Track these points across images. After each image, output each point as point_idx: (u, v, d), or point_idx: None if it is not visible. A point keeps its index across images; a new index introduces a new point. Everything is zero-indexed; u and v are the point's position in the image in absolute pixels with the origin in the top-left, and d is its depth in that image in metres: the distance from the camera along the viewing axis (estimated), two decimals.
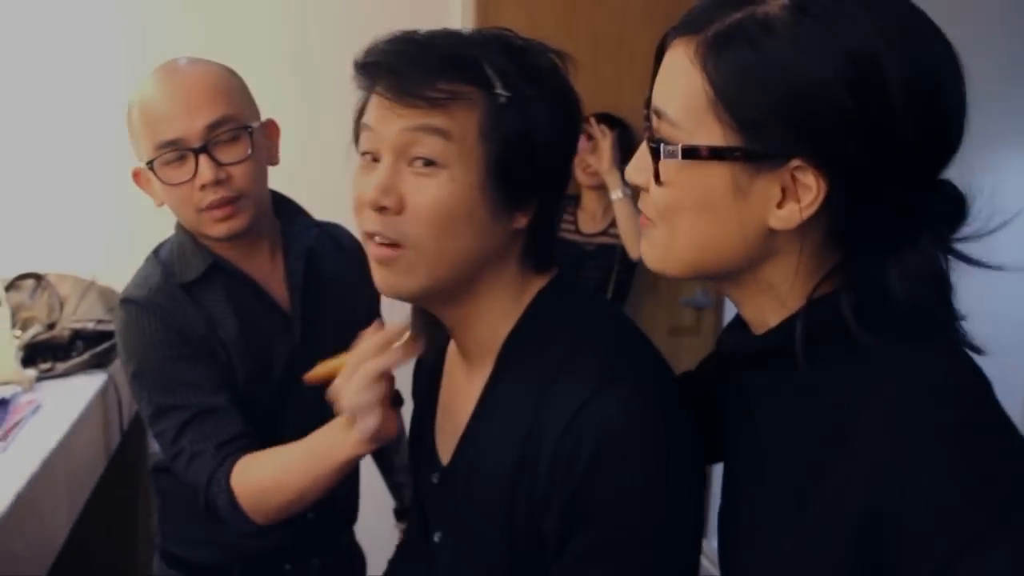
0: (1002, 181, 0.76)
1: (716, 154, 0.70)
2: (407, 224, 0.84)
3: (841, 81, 0.65)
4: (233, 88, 1.28)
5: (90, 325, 2.11)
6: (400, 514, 2.39)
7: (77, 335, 2.07)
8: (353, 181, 0.89)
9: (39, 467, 1.47)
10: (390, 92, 0.83)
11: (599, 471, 0.79)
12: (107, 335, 2.08)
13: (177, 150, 1.22)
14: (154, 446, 1.37)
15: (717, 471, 0.90)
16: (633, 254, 2.51)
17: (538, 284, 0.92)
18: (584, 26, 2.68)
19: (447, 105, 0.82)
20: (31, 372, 1.95)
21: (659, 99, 0.73)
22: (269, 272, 1.37)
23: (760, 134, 0.68)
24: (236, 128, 1.24)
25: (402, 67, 0.83)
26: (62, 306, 2.17)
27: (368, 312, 1.42)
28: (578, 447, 0.79)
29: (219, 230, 1.26)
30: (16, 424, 1.68)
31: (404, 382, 1.05)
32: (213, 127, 1.22)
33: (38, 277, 2.21)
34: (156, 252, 1.37)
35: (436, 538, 0.93)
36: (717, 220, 0.72)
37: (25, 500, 1.35)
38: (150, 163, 1.24)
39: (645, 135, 0.76)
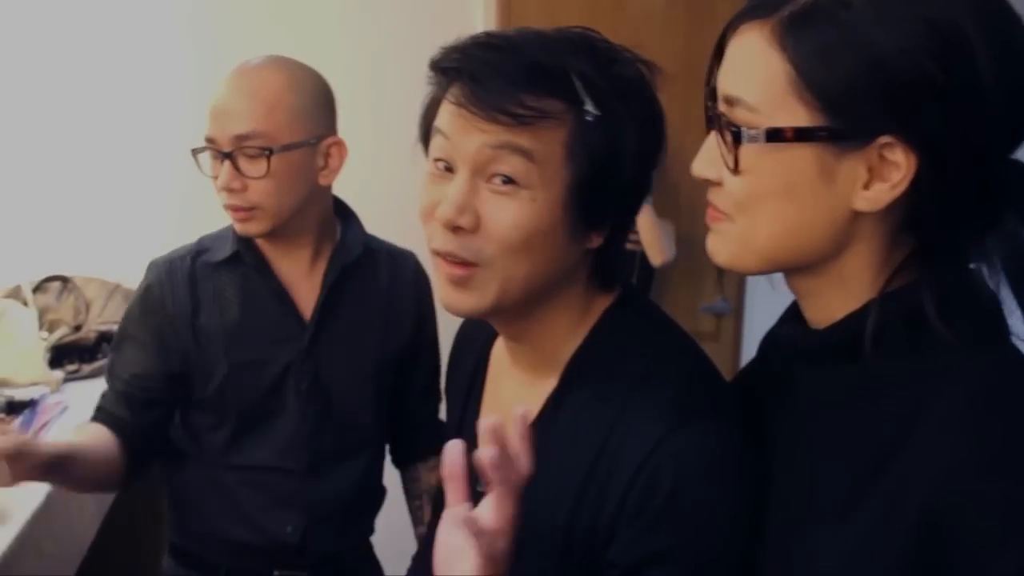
0: None
1: (802, 135, 0.67)
2: (483, 242, 0.81)
3: (926, 50, 0.64)
4: (280, 104, 1.28)
5: (116, 327, 2.12)
6: None
7: (103, 337, 2.09)
8: (423, 187, 0.86)
9: None
10: (472, 104, 0.78)
11: (677, 509, 0.78)
12: None
13: (211, 147, 1.29)
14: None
15: None
16: (655, 260, 2.50)
17: (605, 301, 0.90)
18: (605, 30, 2.68)
19: (533, 123, 0.78)
20: (58, 373, 1.98)
21: (731, 86, 0.71)
22: (303, 276, 1.39)
23: (846, 112, 0.66)
24: (259, 148, 1.26)
25: (485, 75, 0.78)
26: (88, 308, 2.19)
27: (384, 344, 1.45)
28: (655, 482, 0.78)
29: (238, 228, 1.32)
30: (44, 425, 1.70)
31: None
32: (240, 139, 1.26)
33: (64, 280, 2.24)
34: (214, 232, 1.44)
35: None
36: (802, 206, 0.69)
37: (54, 500, 1.37)
38: (195, 150, 1.30)
39: (712, 126, 0.73)
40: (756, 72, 0.69)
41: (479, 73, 0.78)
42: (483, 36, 0.82)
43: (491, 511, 0.71)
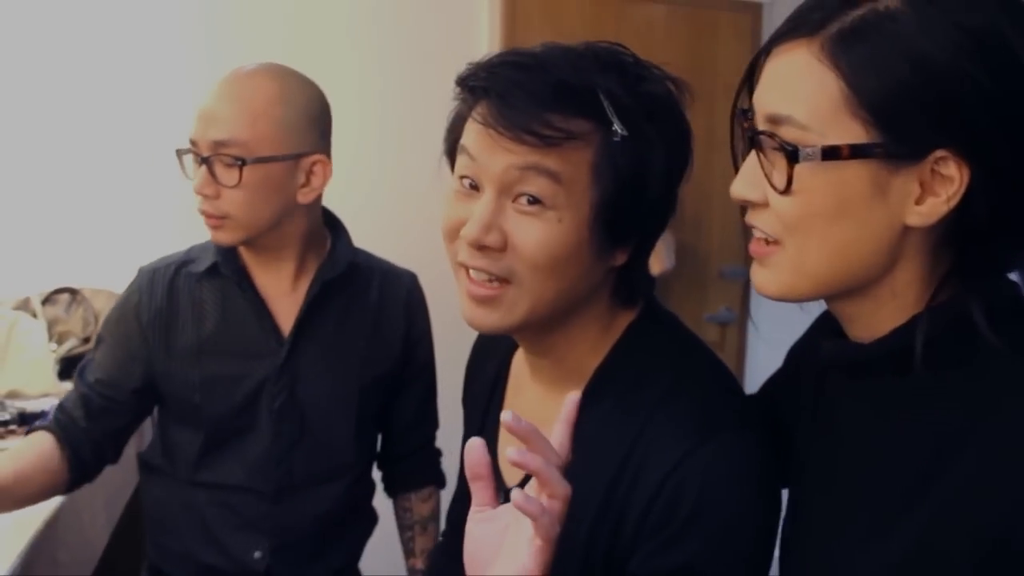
0: None
1: (858, 152, 0.66)
2: (514, 261, 0.81)
3: (971, 56, 0.63)
4: (265, 114, 1.24)
5: None
6: None
7: None
8: (447, 203, 0.85)
9: None
10: (499, 124, 0.78)
11: (702, 522, 0.78)
12: None
13: (192, 151, 1.27)
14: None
15: None
16: (653, 270, 2.52)
17: (628, 316, 0.90)
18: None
19: (560, 144, 0.78)
20: (68, 385, 1.99)
21: (776, 104, 0.69)
22: (286, 292, 1.36)
23: (900, 127, 0.65)
24: (233, 156, 1.23)
25: (512, 95, 0.78)
26: (97, 320, 2.21)
27: (368, 365, 1.40)
28: (679, 495, 0.79)
29: (210, 235, 1.30)
30: None
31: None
32: (218, 144, 1.23)
33: (73, 292, 2.25)
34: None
35: None
36: (855, 224, 0.68)
37: (67, 510, 1.38)
38: (179, 151, 1.29)
39: (747, 148, 0.72)
40: (806, 89, 0.68)
41: (506, 92, 0.78)
42: (511, 54, 0.82)
43: (541, 493, 0.69)
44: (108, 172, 2.44)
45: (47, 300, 2.22)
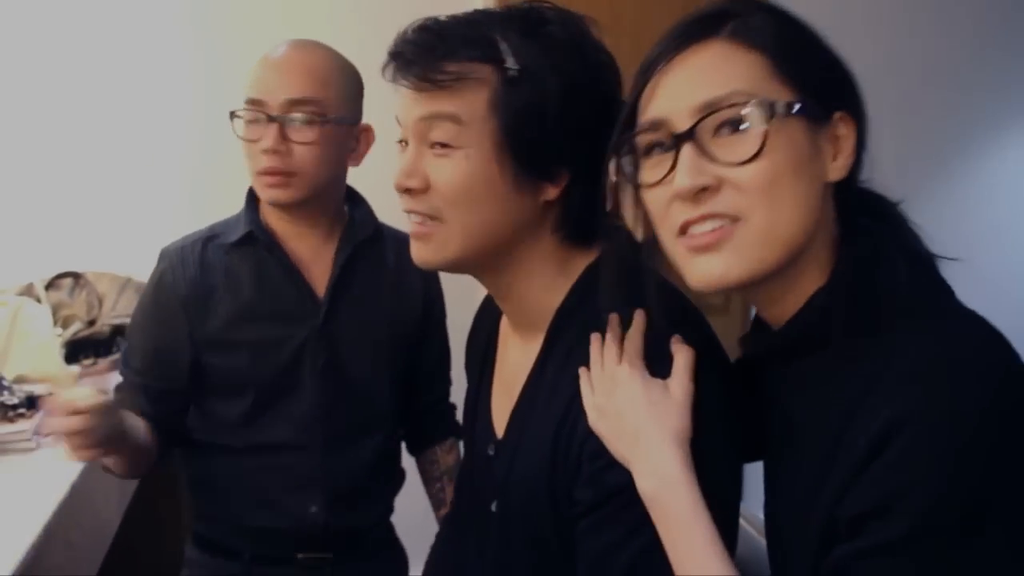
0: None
1: (800, 111, 0.74)
2: (434, 199, 0.90)
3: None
4: (334, 78, 1.33)
5: (130, 320, 2.15)
6: None
7: (117, 331, 2.11)
8: None
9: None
10: (401, 78, 0.89)
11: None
12: None
13: (257, 110, 1.30)
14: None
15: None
16: (638, 236, 2.51)
17: (586, 259, 0.94)
18: (604, 3, 2.68)
19: (455, 87, 0.86)
20: (74, 368, 2.00)
21: (709, 91, 0.75)
22: (317, 256, 1.42)
23: (818, 92, 0.75)
24: (314, 113, 1.29)
25: (416, 55, 0.88)
26: (101, 303, 2.21)
27: (395, 323, 1.47)
28: None
29: (267, 195, 1.33)
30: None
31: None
32: (293, 103, 1.28)
33: (76, 276, 2.26)
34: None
35: (493, 507, 0.96)
36: (807, 181, 0.75)
37: (80, 490, 1.39)
38: (234, 113, 1.31)
39: (682, 143, 0.75)
40: (737, 70, 0.75)
41: (412, 54, 0.88)
42: (420, 22, 0.90)
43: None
44: (105, 156, 2.43)
45: (50, 285, 2.22)
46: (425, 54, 0.87)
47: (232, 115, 1.33)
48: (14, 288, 2.16)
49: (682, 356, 0.83)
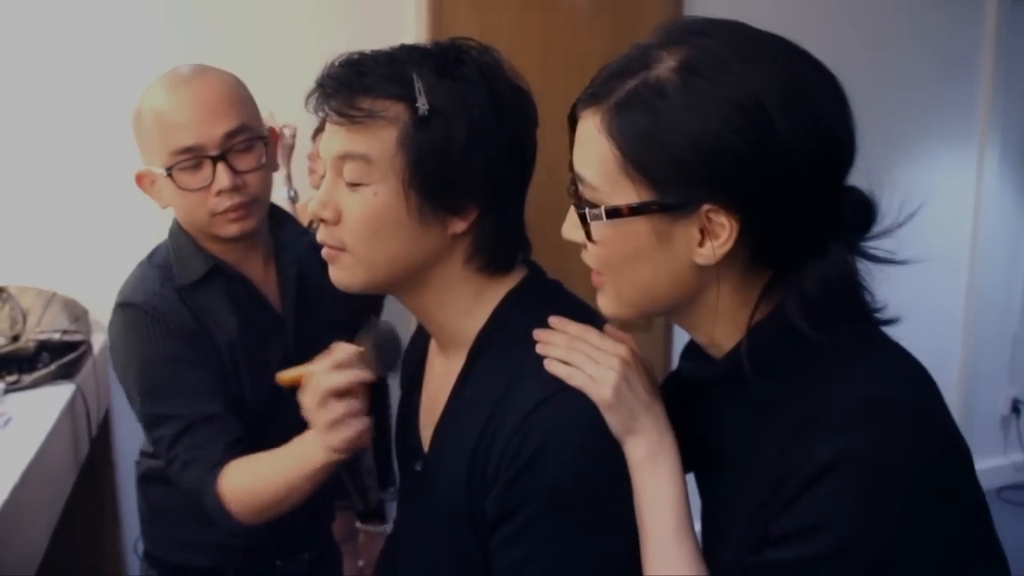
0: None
1: (635, 211, 0.77)
2: (343, 232, 0.94)
3: (732, 129, 0.73)
4: (246, 97, 1.32)
5: (56, 336, 2.11)
6: (363, 516, 2.41)
7: (43, 346, 2.07)
8: None
9: (18, 479, 1.49)
10: (320, 110, 0.92)
11: (539, 459, 0.85)
12: (73, 345, 2.09)
13: (195, 156, 1.26)
14: (123, 454, 1.42)
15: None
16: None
17: (506, 285, 0.97)
18: (536, 33, 2.74)
19: (366, 124, 0.90)
20: None
21: (579, 166, 0.81)
22: (263, 275, 1.41)
23: (670, 187, 0.76)
24: (251, 137, 1.29)
25: (335, 89, 0.91)
26: (25, 318, 2.17)
27: (356, 315, 1.43)
28: (526, 440, 0.86)
29: (231, 230, 1.30)
30: None
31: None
32: (231, 135, 1.26)
33: None
34: (150, 258, 1.39)
35: (423, 523, 1.00)
36: (651, 266, 0.80)
37: (8, 511, 1.37)
38: (168, 169, 1.26)
39: (572, 198, 0.83)
40: (593, 155, 0.79)
41: (328, 85, 0.92)
42: (346, 55, 0.93)
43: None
44: (29, 167, 2.38)
45: None
46: (343, 88, 0.90)
47: (138, 177, 1.31)
48: None
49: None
